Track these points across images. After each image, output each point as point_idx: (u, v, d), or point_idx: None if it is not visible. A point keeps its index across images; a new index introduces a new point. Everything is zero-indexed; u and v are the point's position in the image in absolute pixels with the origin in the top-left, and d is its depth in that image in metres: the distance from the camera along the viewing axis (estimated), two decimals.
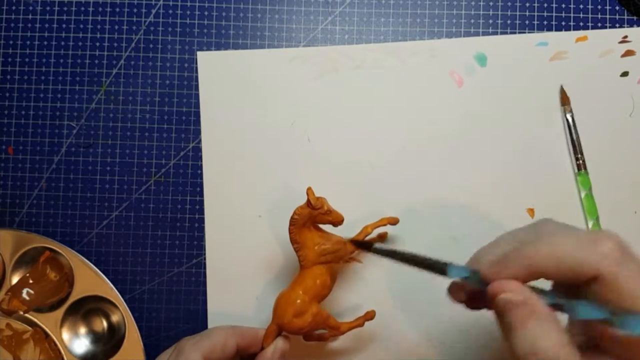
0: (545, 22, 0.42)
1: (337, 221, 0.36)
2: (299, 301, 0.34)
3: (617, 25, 0.42)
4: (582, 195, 0.41)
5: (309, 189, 0.35)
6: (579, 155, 0.41)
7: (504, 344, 0.25)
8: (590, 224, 0.41)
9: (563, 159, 0.41)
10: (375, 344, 0.41)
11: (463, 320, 0.41)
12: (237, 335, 0.34)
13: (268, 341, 0.35)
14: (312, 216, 0.35)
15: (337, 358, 0.41)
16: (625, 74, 0.42)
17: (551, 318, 0.24)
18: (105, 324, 0.42)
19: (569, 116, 0.41)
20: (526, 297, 0.25)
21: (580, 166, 0.41)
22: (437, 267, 0.27)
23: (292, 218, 0.35)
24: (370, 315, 0.38)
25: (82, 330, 0.42)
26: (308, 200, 0.34)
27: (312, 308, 0.35)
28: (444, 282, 0.41)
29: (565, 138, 0.41)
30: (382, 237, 0.41)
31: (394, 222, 0.39)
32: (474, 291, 0.27)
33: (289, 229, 0.35)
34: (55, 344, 0.41)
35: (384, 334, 0.41)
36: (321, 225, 0.37)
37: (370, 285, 0.41)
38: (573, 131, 0.41)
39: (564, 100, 0.41)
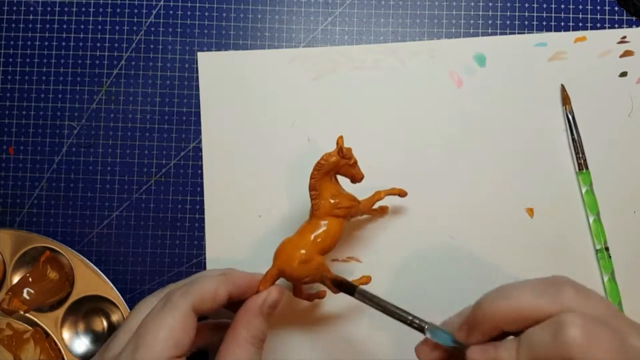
0: (544, 23, 0.42)
1: (359, 177, 0.36)
2: (305, 250, 0.33)
3: (616, 25, 0.42)
4: (583, 191, 0.41)
5: (340, 137, 0.34)
6: (580, 155, 0.41)
7: None
8: (591, 220, 0.41)
9: (563, 159, 0.42)
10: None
11: None
12: (229, 283, 0.32)
13: (266, 285, 0.33)
14: (337, 166, 0.34)
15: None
16: (624, 74, 0.42)
17: None
18: (105, 323, 0.42)
19: (570, 116, 0.41)
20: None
21: (582, 165, 0.41)
22: (415, 325, 0.30)
23: (318, 163, 0.34)
24: (365, 281, 0.37)
25: (83, 329, 0.42)
26: (340, 148, 0.33)
27: (317, 258, 0.34)
28: (446, 286, 0.41)
29: (565, 138, 0.42)
30: (384, 210, 0.41)
31: (403, 194, 0.39)
32: (447, 349, 0.30)
33: (312, 174, 0.34)
34: (56, 344, 0.41)
35: (386, 336, 0.41)
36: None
37: (372, 286, 0.41)
38: (574, 130, 0.41)
39: (565, 99, 0.41)
